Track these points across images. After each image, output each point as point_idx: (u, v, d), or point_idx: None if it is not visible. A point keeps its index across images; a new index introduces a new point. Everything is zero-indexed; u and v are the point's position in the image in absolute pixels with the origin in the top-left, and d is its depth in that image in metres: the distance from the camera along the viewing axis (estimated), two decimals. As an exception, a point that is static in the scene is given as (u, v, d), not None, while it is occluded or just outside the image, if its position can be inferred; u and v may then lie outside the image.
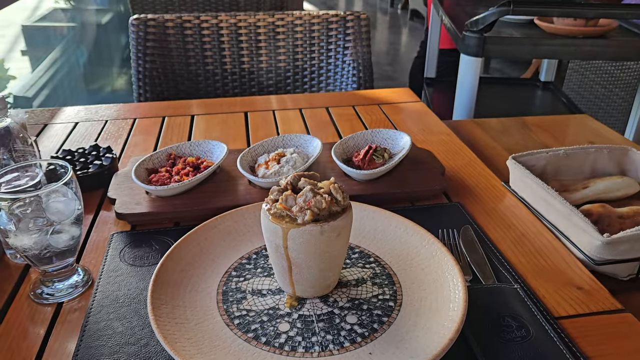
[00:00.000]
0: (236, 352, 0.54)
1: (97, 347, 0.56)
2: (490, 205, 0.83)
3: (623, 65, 2.14)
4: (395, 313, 0.59)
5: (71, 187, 0.62)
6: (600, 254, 0.69)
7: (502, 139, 1.16)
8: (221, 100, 1.31)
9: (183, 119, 1.18)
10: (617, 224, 0.75)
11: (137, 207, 0.78)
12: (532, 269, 0.68)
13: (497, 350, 0.54)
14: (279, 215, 0.56)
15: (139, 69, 1.54)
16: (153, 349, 0.56)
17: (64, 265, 0.64)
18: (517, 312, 0.59)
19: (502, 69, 4.39)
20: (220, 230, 0.71)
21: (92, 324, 0.59)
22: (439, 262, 0.64)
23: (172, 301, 0.59)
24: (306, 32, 1.58)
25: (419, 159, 0.92)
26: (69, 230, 0.63)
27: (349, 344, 0.55)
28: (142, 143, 1.06)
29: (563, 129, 1.22)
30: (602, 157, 0.93)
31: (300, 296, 0.61)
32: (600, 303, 0.62)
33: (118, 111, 1.23)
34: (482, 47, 1.50)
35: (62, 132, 1.11)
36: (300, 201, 0.56)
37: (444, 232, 0.75)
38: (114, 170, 0.89)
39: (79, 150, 0.92)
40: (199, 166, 0.85)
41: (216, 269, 0.66)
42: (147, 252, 0.71)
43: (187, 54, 1.57)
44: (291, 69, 1.62)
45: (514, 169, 0.87)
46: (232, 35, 1.57)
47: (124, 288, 0.65)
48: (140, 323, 0.59)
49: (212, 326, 0.57)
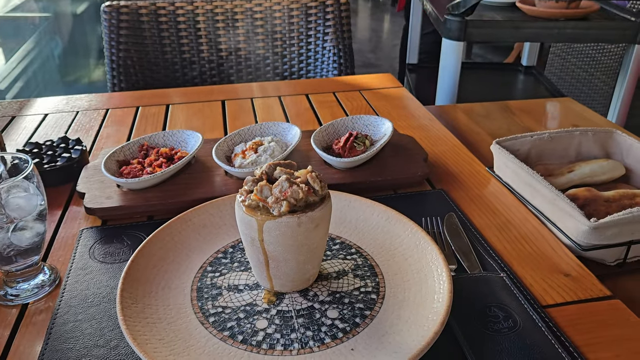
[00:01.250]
0: (211, 352, 0.51)
1: (64, 350, 0.53)
2: (475, 191, 0.81)
3: (604, 48, 2.14)
4: (378, 306, 0.56)
5: (33, 182, 0.59)
6: (587, 239, 0.67)
7: (486, 123, 1.14)
8: (198, 89, 1.27)
9: (158, 108, 1.14)
10: (603, 208, 0.74)
11: (108, 201, 0.74)
12: (518, 256, 0.67)
13: (483, 342, 0.52)
14: (254, 207, 0.53)
15: (112, 57, 1.49)
16: (123, 351, 0.53)
17: (29, 264, 0.61)
18: (503, 302, 0.57)
19: (484, 54, 4.38)
20: (195, 223, 0.68)
21: (58, 326, 0.56)
22: (423, 252, 0.62)
23: (143, 300, 0.56)
24: (285, 17, 1.54)
25: (401, 146, 0.89)
26: (32, 227, 0.59)
27: (329, 340, 0.52)
28: (114, 134, 1.02)
29: (546, 112, 1.21)
30: (586, 140, 0.91)
31: (278, 291, 0.58)
32: (588, 290, 0.61)
33: (90, 102, 1.18)
34: (464, 30, 1.48)
35: (31, 125, 1.06)
36: (275, 192, 0.53)
37: (428, 220, 0.72)
38: (83, 163, 0.85)
39: (46, 143, 0.88)
40: (173, 157, 0.82)
41: (190, 265, 0.63)
42: (119, 248, 0.68)
43: (162, 41, 1.52)
44: (270, 56, 1.59)
45: (498, 154, 0.85)
46: (209, 22, 1.52)
47: (93, 287, 0.62)
48: (110, 324, 0.56)
49: (186, 325, 0.54)
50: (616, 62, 2.08)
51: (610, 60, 2.11)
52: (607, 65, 2.11)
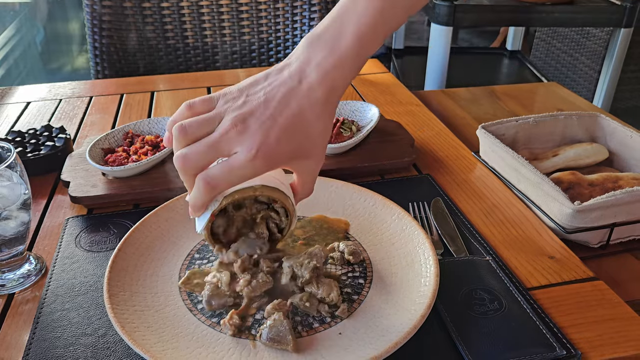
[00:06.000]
0: (200, 338, 0.51)
1: (52, 339, 0.53)
2: (461, 176, 0.82)
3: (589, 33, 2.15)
4: (365, 290, 0.57)
5: (16, 171, 0.58)
6: (571, 222, 0.68)
7: (471, 108, 1.14)
8: (183, 76, 1.26)
9: (142, 95, 1.13)
10: (587, 191, 0.75)
11: (93, 189, 0.74)
12: (504, 239, 0.67)
13: (469, 324, 0.53)
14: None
15: (95, 44, 1.46)
16: (111, 339, 0.53)
17: (14, 253, 0.60)
18: (489, 285, 0.58)
19: (470, 39, 4.38)
20: (182, 211, 0.67)
21: (45, 315, 0.56)
22: (410, 237, 0.62)
23: (131, 287, 0.56)
24: (270, 2, 1.53)
25: (388, 131, 0.89)
26: (16, 217, 0.59)
27: (318, 325, 0.53)
28: (98, 122, 1.01)
29: (532, 97, 1.22)
30: (571, 124, 0.92)
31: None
32: (572, 272, 0.62)
33: (73, 89, 1.16)
34: (453, 15, 1.48)
35: (13, 113, 1.05)
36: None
37: (415, 205, 0.73)
38: (67, 151, 0.84)
39: (29, 132, 0.87)
40: (159, 145, 0.81)
41: (178, 252, 0.63)
42: (105, 236, 0.68)
43: (146, 27, 1.50)
44: (256, 42, 1.57)
45: (484, 139, 0.85)
46: (193, 8, 1.50)
47: (80, 276, 0.61)
48: (97, 312, 0.56)
49: (174, 312, 0.54)
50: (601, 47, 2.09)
51: (595, 45, 2.12)
52: (592, 49, 2.13)
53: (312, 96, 0.48)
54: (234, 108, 0.48)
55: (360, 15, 0.48)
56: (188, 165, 0.47)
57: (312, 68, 0.48)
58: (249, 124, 0.47)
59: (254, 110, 0.47)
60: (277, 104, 0.47)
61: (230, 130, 0.46)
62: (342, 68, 0.48)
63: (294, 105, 0.47)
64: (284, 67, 0.49)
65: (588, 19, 1.54)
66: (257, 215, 0.56)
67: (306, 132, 0.49)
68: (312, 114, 0.48)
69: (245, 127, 0.46)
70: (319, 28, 0.49)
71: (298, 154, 0.50)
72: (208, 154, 0.47)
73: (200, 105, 0.49)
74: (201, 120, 0.48)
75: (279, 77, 0.49)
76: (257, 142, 0.46)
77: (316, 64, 0.48)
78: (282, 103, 0.47)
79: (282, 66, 0.49)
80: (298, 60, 0.49)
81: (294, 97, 0.48)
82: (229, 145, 0.47)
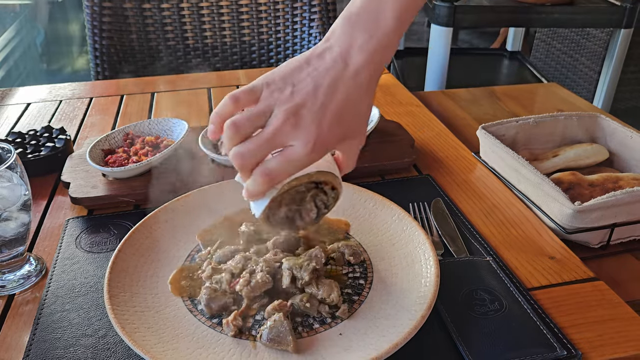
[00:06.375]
0: (200, 339, 0.51)
1: (52, 340, 0.53)
2: (461, 176, 0.82)
3: (589, 33, 2.15)
4: (366, 291, 0.57)
5: (16, 172, 0.58)
6: (571, 222, 0.68)
7: (472, 109, 1.14)
8: (183, 76, 1.26)
9: (142, 96, 1.13)
10: (587, 191, 0.75)
11: (93, 190, 0.74)
12: (504, 240, 0.67)
13: (470, 325, 0.53)
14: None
15: (95, 45, 1.46)
16: (112, 340, 0.53)
17: (14, 254, 0.60)
18: (489, 285, 0.58)
19: (470, 40, 4.38)
20: (182, 211, 0.67)
21: (46, 316, 0.56)
22: (410, 237, 0.62)
23: (131, 288, 0.56)
24: (270, 4, 1.53)
25: (388, 132, 0.89)
26: (17, 218, 0.59)
27: (318, 326, 0.53)
28: (99, 123, 1.01)
29: (532, 97, 1.22)
30: (571, 125, 0.92)
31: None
32: (572, 272, 0.62)
33: (73, 90, 1.16)
34: (453, 16, 1.48)
35: (13, 114, 1.05)
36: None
37: (415, 206, 0.73)
38: (68, 152, 0.84)
39: (30, 133, 0.87)
40: (159, 145, 0.81)
41: (178, 253, 0.63)
42: (105, 237, 0.68)
43: (147, 29, 1.50)
44: (256, 42, 1.57)
45: (484, 139, 0.85)
46: (193, 9, 1.50)
47: (80, 277, 0.61)
48: (98, 313, 0.56)
49: (174, 313, 0.54)
50: (601, 47, 2.09)
51: (595, 46, 2.12)
52: (592, 50, 2.12)
53: (358, 79, 0.48)
54: (283, 100, 0.47)
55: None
56: (246, 162, 0.47)
57: (355, 51, 0.48)
58: (302, 115, 0.46)
59: (305, 101, 0.47)
60: (326, 91, 0.47)
61: (284, 125, 0.46)
62: (384, 48, 0.48)
63: (342, 90, 0.48)
64: (324, 50, 0.49)
65: (588, 20, 1.54)
66: (307, 194, 0.55)
67: (354, 114, 0.49)
68: (358, 96, 0.49)
69: (299, 120, 0.46)
70: (354, 7, 0.49)
71: (346, 136, 0.50)
72: (264, 149, 0.47)
73: (245, 97, 0.48)
74: (252, 116, 0.47)
75: (322, 62, 0.48)
76: (312, 134, 0.46)
77: (359, 47, 0.48)
78: (331, 89, 0.47)
79: (322, 50, 0.49)
80: (339, 43, 0.48)
81: (341, 82, 0.48)
82: (284, 139, 0.47)
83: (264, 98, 0.48)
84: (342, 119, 0.48)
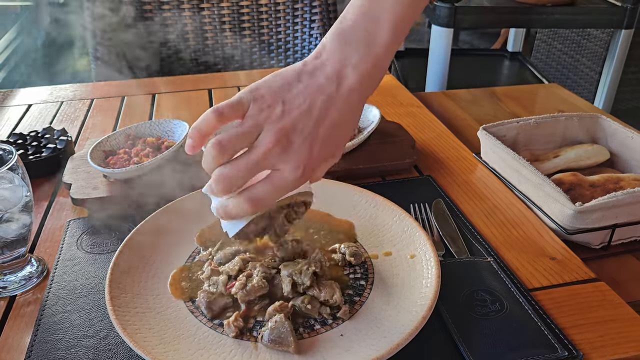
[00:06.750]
0: (201, 340, 0.51)
1: (53, 342, 0.53)
2: (462, 177, 0.82)
3: (590, 34, 2.15)
4: (367, 292, 0.57)
5: (17, 173, 0.58)
6: (572, 223, 0.68)
7: (472, 110, 1.14)
8: (184, 78, 1.26)
9: (143, 98, 1.13)
10: (588, 192, 0.75)
11: (95, 191, 0.74)
12: (505, 240, 0.67)
13: (471, 326, 0.53)
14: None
15: (96, 47, 1.47)
16: (113, 341, 0.53)
17: (16, 255, 0.60)
18: (490, 286, 0.58)
19: (471, 40, 4.38)
20: (183, 212, 0.67)
21: (47, 317, 0.56)
22: (411, 238, 0.62)
23: (133, 289, 0.56)
24: (271, 5, 1.53)
25: (389, 133, 0.89)
26: (18, 219, 0.59)
27: (319, 326, 0.53)
28: (100, 124, 1.01)
29: (532, 98, 1.22)
30: (572, 125, 0.92)
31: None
32: (573, 273, 0.62)
33: (74, 92, 1.17)
34: (454, 17, 1.48)
35: (15, 116, 1.05)
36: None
37: (416, 207, 0.73)
38: (69, 153, 0.84)
39: (31, 134, 0.87)
40: (160, 146, 0.81)
41: (179, 254, 0.63)
42: (106, 238, 0.68)
43: (147, 30, 1.50)
44: (257, 44, 1.57)
45: (485, 140, 0.85)
46: (194, 10, 1.51)
47: (81, 278, 0.61)
48: (99, 314, 0.56)
49: (176, 314, 0.54)
50: (602, 48, 2.09)
51: (595, 46, 2.12)
52: (593, 51, 2.12)
53: (351, 99, 0.46)
54: (273, 119, 0.45)
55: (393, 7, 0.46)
56: (231, 185, 0.45)
57: (350, 70, 0.46)
58: (293, 138, 0.45)
59: (296, 123, 0.45)
60: (318, 113, 0.45)
61: (274, 147, 0.44)
62: (380, 66, 0.47)
63: (333, 112, 0.46)
64: (316, 68, 0.47)
65: (588, 20, 1.54)
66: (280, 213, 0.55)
67: (342, 135, 0.48)
68: (348, 117, 0.47)
69: (290, 143, 0.45)
70: (347, 22, 0.47)
71: (331, 156, 0.49)
72: (252, 172, 0.45)
73: (230, 112, 0.45)
74: (240, 135, 0.45)
75: (314, 81, 0.46)
76: (303, 158, 0.45)
77: (354, 66, 0.46)
78: (323, 112, 0.45)
79: (314, 67, 0.47)
80: (332, 61, 0.46)
81: (333, 104, 0.46)
82: (273, 163, 0.45)
83: (251, 115, 0.45)
84: (330, 141, 0.47)
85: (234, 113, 0.46)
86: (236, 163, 0.45)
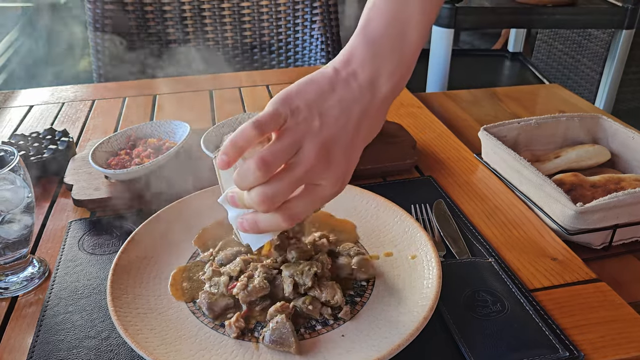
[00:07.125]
0: (202, 341, 0.51)
1: (55, 342, 0.53)
2: (463, 178, 0.82)
3: (590, 34, 2.15)
4: (368, 293, 0.57)
5: (19, 174, 0.58)
6: (573, 223, 0.68)
7: (473, 110, 1.14)
8: (185, 79, 1.26)
9: (145, 99, 1.13)
10: (589, 192, 0.75)
11: (96, 192, 0.74)
12: (506, 241, 0.67)
13: (472, 326, 0.53)
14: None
15: (97, 48, 1.47)
16: (115, 342, 0.53)
17: (17, 256, 0.61)
18: (492, 286, 0.58)
19: (472, 41, 4.38)
20: (184, 213, 0.67)
21: (49, 318, 0.56)
22: (412, 238, 0.62)
23: (134, 290, 0.56)
24: (272, 5, 1.53)
25: (390, 133, 0.89)
26: (20, 220, 0.59)
27: (320, 327, 0.53)
28: (101, 126, 1.01)
29: (533, 98, 1.22)
30: (573, 126, 0.92)
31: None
32: (574, 273, 0.62)
33: (75, 93, 1.17)
34: (454, 17, 1.48)
35: (16, 117, 1.05)
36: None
37: (417, 207, 0.73)
38: (70, 154, 0.84)
39: (32, 135, 0.87)
40: (161, 147, 0.82)
41: (180, 254, 0.63)
42: (108, 239, 0.68)
43: (148, 31, 1.50)
44: (257, 44, 1.58)
45: (485, 140, 0.85)
46: (195, 11, 1.51)
47: (83, 278, 0.61)
48: (101, 315, 0.56)
49: (177, 315, 0.54)
50: (602, 48, 2.09)
51: (596, 47, 2.12)
52: (594, 51, 2.12)
53: (384, 108, 0.48)
54: (313, 133, 0.45)
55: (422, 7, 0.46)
56: (274, 205, 0.45)
57: (384, 80, 0.46)
58: (332, 154, 0.45)
59: (334, 137, 0.45)
60: (354, 125, 0.46)
61: (317, 163, 0.44)
62: (410, 70, 0.48)
63: (367, 122, 0.47)
64: (349, 77, 0.46)
65: (589, 21, 1.54)
66: None
67: (369, 141, 0.50)
68: (380, 124, 0.49)
69: (331, 157, 0.45)
70: (376, 29, 0.46)
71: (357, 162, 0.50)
72: (293, 190, 0.45)
73: (270, 125, 0.44)
74: (282, 152, 0.44)
75: (349, 91, 0.46)
76: (341, 171, 0.46)
77: (388, 76, 0.46)
78: (358, 123, 0.46)
79: (347, 75, 0.46)
80: (365, 69, 0.46)
81: (367, 115, 0.46)
82: (315, 178, 0.45)
83: (290, 128, 0.45)
84: (361, 149, 0.48)
85: (274, 126, 0.45)
86: (279, 182, 0.44)
